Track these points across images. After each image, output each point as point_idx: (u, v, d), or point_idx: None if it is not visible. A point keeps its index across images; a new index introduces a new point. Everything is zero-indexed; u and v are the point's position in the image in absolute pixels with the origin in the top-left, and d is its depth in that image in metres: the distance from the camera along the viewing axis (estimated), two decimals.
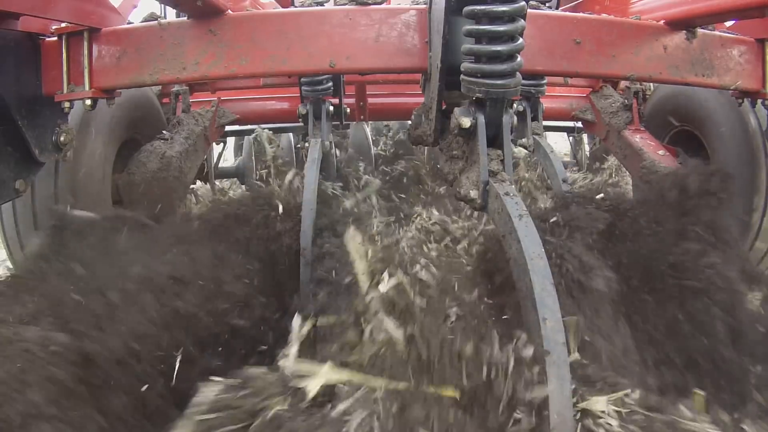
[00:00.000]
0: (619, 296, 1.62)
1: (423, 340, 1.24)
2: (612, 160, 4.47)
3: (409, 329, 1.27)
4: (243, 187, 4.54)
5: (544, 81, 2.66)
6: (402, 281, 1.43)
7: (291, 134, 4.28)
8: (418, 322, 1.28)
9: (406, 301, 1.37)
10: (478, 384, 1.16)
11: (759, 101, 2.11)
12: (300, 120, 2.76)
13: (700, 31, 1.94)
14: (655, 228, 1.82)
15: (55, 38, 1.78)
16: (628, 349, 1.52)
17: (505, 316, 1.45)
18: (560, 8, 2.78)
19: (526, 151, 2.91)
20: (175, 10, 2.29)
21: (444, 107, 1.69)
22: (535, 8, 2.04)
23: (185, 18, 1.83)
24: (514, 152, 2.40)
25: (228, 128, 3.40)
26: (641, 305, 1.69)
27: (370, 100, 3.46)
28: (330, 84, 2.64)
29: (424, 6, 1.75)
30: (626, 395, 1.19)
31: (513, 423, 1.13)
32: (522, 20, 1.46)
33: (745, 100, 2.10)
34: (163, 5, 2.62)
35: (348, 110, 3.06)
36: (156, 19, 1.85)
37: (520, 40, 1.48)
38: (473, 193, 1.54)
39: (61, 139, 1.84)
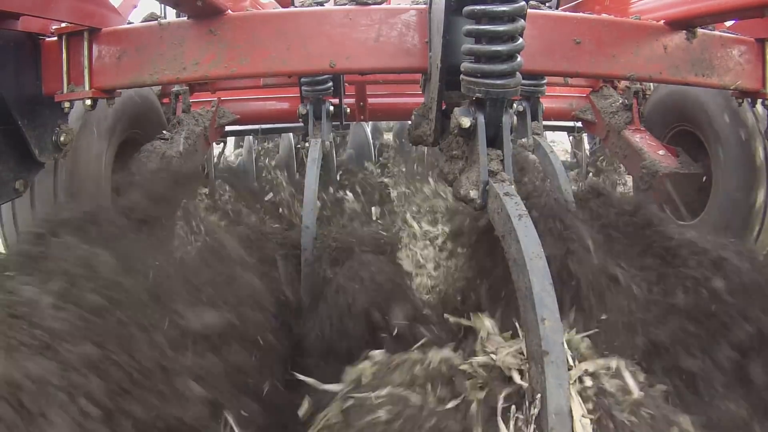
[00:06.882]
0: None
1: None
2: None
3: None
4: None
5: (544, 81, 2.65)
6: None
7: (291, 134, 4.28)
8: None
9: None
10: None
11: (759, 101, 2.11)
12: (300, 120, 2.76)
13: (700, 31, 1.94)
14: None
15: (55, 38, 1.78)
16: None
17: None
18: (560, 8, 2.78)
19: None
20: (175, 10, 2.29)
21: (444, 107, 1.69)
22: (535, 8, 2.03)
23: (185, 18, 1.83)
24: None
25: (228, 128, 3.40)
26: None
27: (370, 100, 3.46)
28: (330, 84, 2.64)
29: (424, 6, 1.75)
30: None
31: None
32: (522, 20, 1.46)
33: (745, 100, 2.10)
34: (163, 5, 2.62)
35: (348, 110, 3.06)
36: (156, 19, 1.85)
37: (520, 40, 1.48)
38: (473, 193, 1.54)
39: (61, 139, 1.83)
